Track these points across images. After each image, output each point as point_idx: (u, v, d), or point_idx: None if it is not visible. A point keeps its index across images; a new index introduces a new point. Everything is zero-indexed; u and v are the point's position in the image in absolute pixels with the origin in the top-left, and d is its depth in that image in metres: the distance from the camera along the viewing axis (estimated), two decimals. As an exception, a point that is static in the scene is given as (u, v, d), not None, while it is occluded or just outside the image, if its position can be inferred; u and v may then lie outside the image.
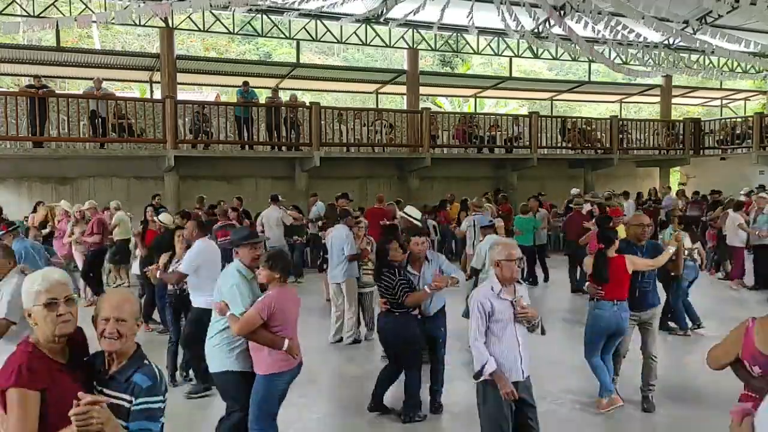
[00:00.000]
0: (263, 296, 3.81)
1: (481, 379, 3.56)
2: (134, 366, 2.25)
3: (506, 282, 3.61)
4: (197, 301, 5.43)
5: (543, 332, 3.83)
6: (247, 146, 14.32)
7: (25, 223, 10.35)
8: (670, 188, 17.46)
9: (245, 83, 14.28)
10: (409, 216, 6.96)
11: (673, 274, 6.33)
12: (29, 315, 2.23)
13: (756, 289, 10.47)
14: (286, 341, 3.77)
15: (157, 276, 5.98)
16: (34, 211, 11.15)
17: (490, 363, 3.51)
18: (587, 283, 5.26)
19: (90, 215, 9.81)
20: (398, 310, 4.88)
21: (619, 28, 11.98)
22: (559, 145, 18.00)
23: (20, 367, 2.09)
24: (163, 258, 6.17)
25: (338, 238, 7.32)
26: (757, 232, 10.44)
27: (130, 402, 2.18)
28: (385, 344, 5.18)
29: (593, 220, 10.14)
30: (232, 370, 3.87)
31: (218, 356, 3.92)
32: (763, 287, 10.41)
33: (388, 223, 9.38)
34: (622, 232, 7.27)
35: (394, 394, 5.24)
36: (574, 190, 14.57)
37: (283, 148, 14.52)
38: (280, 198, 11.65)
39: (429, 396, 5.19)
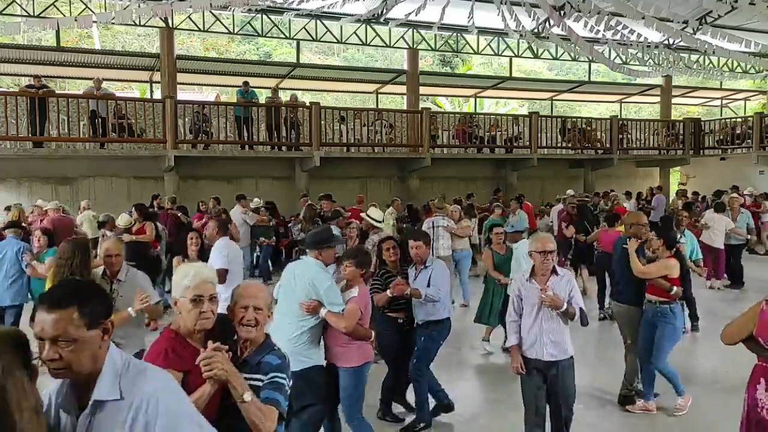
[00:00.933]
0: (354, 291, 4.01)
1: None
2: (265, 351, 2.45)
3: (537, 271, 3.96)
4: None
5: (583, 323, 4.01)
6: (247, 146, 14.32)
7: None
8: (660, 188, 17.32)
9: (245, 83, 14.29)
10: (370, 218, 6.81)
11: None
12: (176, 303, 2.43)
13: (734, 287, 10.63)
14: (373, 333, 4.06)
15: None
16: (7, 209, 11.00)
17: (509, 339, 4.16)
18: (675, 288, 5.00)
19: (51, 215, 9.54)
20: (384, 310, 4.95)
21: (620, 28, 11.97)
22: (559, 145, 18.00)
23: (166, 350, 2.35)
24: (177, 261, 6.08)
25: None
26: (748, 236, 10.45)
27: (262, 381, 2.35)
28: None
29: (567, 226, 10.21)
30: (321, 364, 4.01)
31: (308, 353, 3.92)
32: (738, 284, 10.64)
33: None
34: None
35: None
36: (569, 192, 14.61)
37: (283, 148, 14.52)
38: (246, 197, 11.64)
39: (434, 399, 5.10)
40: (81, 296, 1.71)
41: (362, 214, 7.27)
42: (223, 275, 5.38)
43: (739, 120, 20.07)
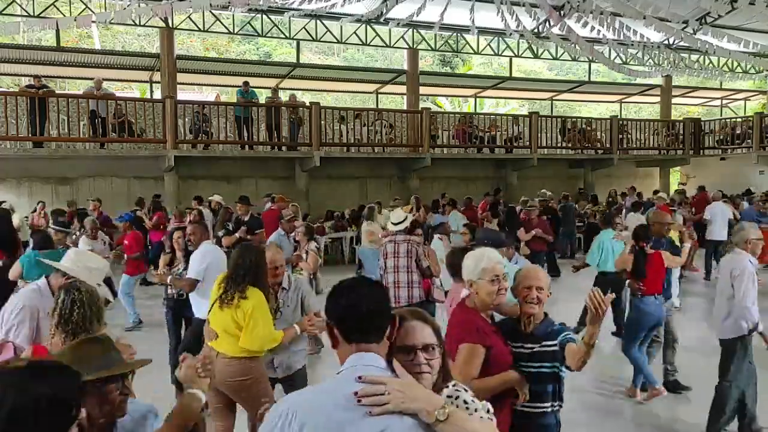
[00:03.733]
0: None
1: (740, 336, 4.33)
2: (548, 324, 2.76)
3: (755, 256, 4.48)
4: (200, 311, 4.84)
5: None
6: (247, 146, 14.32)
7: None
8: (634, 189, 16.48)
9: (245, 83, 14.28)
10: (393, 224, 6.22)
11: None
12: (471, 285, 2.75)
13: None
14: None
15: (168, 282, 5.41)
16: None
17: (760, 323, 4.34)
18: (628, 280, 5.43)
19: None
20: None
21: (622, 29, 11.97)
22: (559, 145, 18.00)
23: (477, 328, 2.67)
24: (164, 260, 6.04)
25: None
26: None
27: (556, 344, 2.66)
28: None
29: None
30: None
31: None
32: None
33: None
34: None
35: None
36: (543, 192, 14.48)
37: (283, 148, 14.52)
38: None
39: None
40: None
41: (387, 224, 6.93)
42: (193, 285, 4.98)
43: (739, 120, 20.06)
